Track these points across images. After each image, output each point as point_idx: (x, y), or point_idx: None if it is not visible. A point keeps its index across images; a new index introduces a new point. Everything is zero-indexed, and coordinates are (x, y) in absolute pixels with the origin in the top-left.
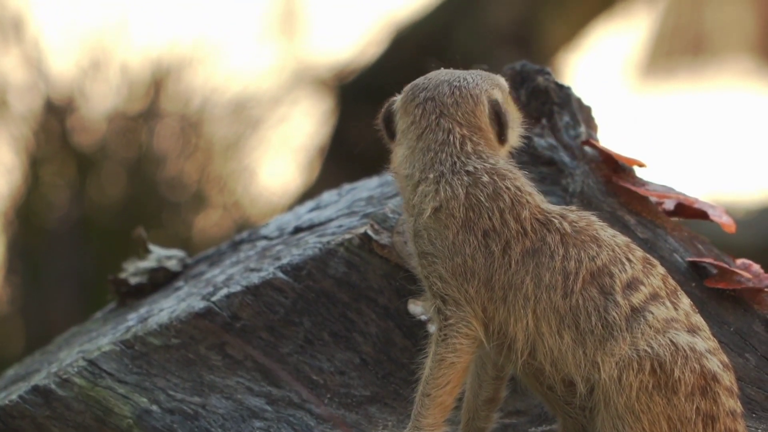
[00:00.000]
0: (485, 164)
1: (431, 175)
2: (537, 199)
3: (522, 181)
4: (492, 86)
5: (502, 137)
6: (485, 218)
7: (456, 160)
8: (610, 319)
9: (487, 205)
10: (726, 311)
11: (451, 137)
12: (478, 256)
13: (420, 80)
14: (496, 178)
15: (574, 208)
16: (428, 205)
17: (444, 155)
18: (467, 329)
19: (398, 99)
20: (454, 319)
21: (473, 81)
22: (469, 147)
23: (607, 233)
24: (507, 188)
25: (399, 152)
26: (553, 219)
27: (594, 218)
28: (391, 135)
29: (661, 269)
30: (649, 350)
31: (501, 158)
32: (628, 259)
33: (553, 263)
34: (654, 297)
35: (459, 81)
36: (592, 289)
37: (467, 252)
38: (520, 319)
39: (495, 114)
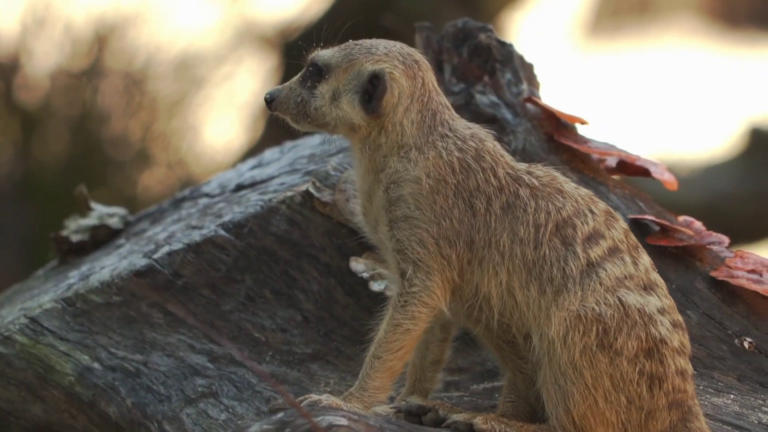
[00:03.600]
0: (466, 131)
1: (421, 141)
2: (507, 157)
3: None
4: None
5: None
6: (472, 179)
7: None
8: (568, 270)
9: (474, 166)
10: (668, 268)
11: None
12: (464, 219)
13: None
14: (477, 141)
15: (539, 165)
16: (416, 170)
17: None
18: (429, 299)
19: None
20: (418, 287)
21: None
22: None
23: (570, 186)
24: (487, 151)
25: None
26: (522, 175)
27: (556, 173)
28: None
29: (623, 224)
30: (596, 309)
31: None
32: (591, 211)
33: (527, 216)
34: (613, 251)
35: None
36: (555, 240)
37: (454, 217)
38: (495, 276)
39: None
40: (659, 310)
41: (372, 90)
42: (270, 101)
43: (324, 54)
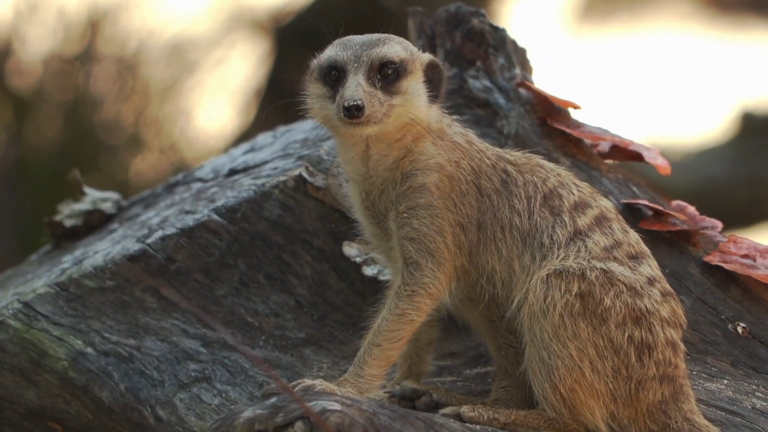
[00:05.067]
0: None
1: (441, 126)
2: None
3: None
4: None
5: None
6: (475, 161)
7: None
8: (555, 236)
9: (471, 149)
10: (661, 253)
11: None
12: (473, 202)
13: None
14: (461, 128)
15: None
16: (439, 157)
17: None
18: (435, 289)
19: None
20: (428, 278)
21: None
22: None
23: (548, 163)
24: (470, 135)
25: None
26: (503, 154)
27: (531, 154)
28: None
29: (610, 202)
30: (575, 267)
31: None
32: (575, 184)
33: (518, 189)
34: (600, 220)
35: None
36: (545, 210)
37: (467, 202)
38: (497, 251)
39: None
40: (649, 278)
41: (426, 79)
42: (362, 107)
43: (394, 50)
